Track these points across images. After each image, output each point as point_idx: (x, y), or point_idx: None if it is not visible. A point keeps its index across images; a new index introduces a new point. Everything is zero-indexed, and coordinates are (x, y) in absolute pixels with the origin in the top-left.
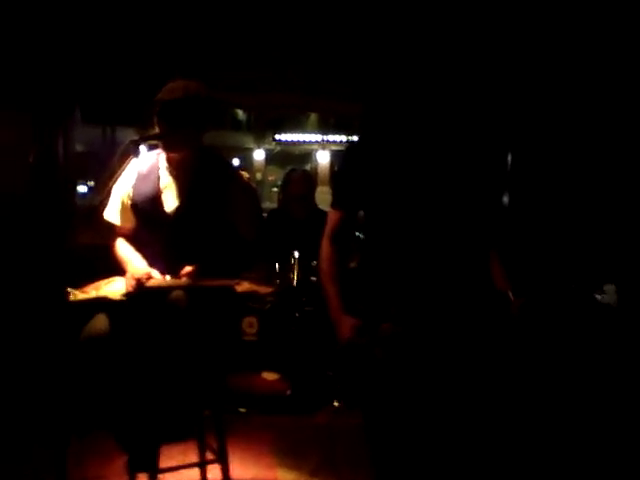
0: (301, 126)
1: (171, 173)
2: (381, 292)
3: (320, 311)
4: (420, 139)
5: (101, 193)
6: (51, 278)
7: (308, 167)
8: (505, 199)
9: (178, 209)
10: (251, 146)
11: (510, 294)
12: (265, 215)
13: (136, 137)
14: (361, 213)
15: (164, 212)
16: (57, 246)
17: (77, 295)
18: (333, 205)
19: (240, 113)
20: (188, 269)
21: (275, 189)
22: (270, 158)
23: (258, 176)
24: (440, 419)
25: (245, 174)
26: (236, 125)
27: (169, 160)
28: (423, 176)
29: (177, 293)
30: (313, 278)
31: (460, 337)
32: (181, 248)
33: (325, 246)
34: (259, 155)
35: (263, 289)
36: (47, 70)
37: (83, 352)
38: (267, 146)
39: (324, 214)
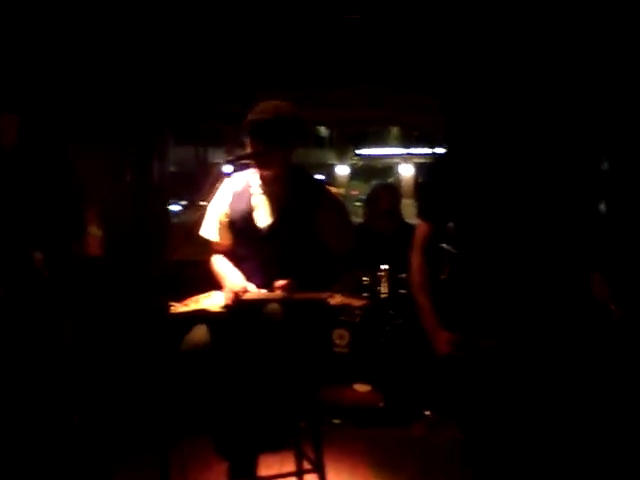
0: (383, 140)
1: (264, 191)
2: (475, 306)
3: (409, 324)
4: (511, 150)
5: (197, 211)
6: (151, 292)
7: (391, 180)
8: (602, 207)
9: (271, 225)
10: (334, 162)
11: (612, 305)
12: None
13: (230, 157)
14: (451, 224)
15: (258, 229)
16: (154, 261)
17: (178, 308)
18: (421, 216)
19: (322, 130)
20: (282, 282)
21: (358, 203)
22: (353, 173)
23: (341, 191)
24: (542, 434)
25: (335, 189)
26: (319, 142)
27: (261, 178)
28: (515, 188)
29: (272, 306)
30: (402, 291)
31: (559, 352)
32: (275, 263)
33: (415, 258)
34: (342, 170)
35: (356, 302)
36: (140, 96)
37: (185, 362)
38: (350, 161)
39: (411, 227)
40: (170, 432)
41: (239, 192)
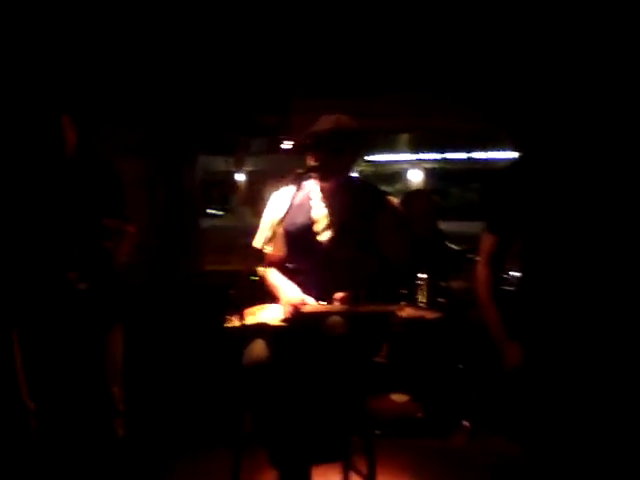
0: (391, 145)
1: (324, 202)
2: (545, 320)
3: (448, 333)
4: (588, 164)
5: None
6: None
7: (399, 186)
8: None
9: (332, 238)
10: None
11: None
12: None
13: (299, 170)
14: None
15: (317, 241)
16: (188, 271)
17: (234, 322)
18: (488, 229)
19: None
20: (341, 294)
21: None
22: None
23: None
24: (615, 449)
25: (395, 200)
26: None
27: (322, 189)
28: (590, 204)
29: (335, 319)
30: (441, 299)
31: (623, 377)
32: (334, 275)
33: (480, 271)
34: None
35: (429, 314)
36: (168, 115)
37: (246, 376)
38: (357, 167)
39: (444, 235)
40: (241, 435)
41: (298, 204)
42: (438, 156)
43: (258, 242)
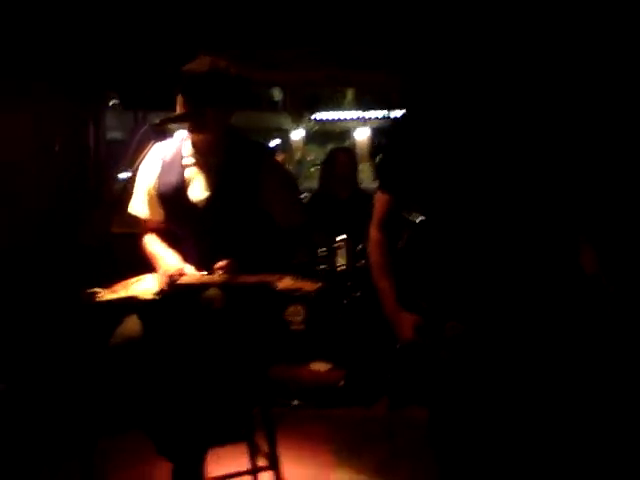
0: (338, 103)
1: (197, 160)
2: (443, 285)
3: (369, 296)
4: (478, 113)
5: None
6: (74, 276)
7: (347, 144)
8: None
9: (208, 199)
10: (289, 126)
11: (603, 279)
12: (308, 196)
13: (158, 120)
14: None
15: (192, 203)
16: (87, 239)
17: (105, 295)
18: (380, 188)
19: (277, 94)
20: (222, 263)
21: (313, 168)
22: (308, 137)
23: (297, 155)
24: (510, 421)
25: (280, 156)
26: (273, 106)
27: (195, 145)
28: (487, 151)
29: (212, 291)
30: (361, 262)
31: (537, 336)
32: (214, 241)
33: (374, 234)
34: (297, 135)
35: (308, 286)
36: (76, 55)
37: (116, 357)
38: (305, 125)
39: (366, 194)
40: (94, 432)
41: (169, 161)
42: (383, 113)
43: (133, 207)
